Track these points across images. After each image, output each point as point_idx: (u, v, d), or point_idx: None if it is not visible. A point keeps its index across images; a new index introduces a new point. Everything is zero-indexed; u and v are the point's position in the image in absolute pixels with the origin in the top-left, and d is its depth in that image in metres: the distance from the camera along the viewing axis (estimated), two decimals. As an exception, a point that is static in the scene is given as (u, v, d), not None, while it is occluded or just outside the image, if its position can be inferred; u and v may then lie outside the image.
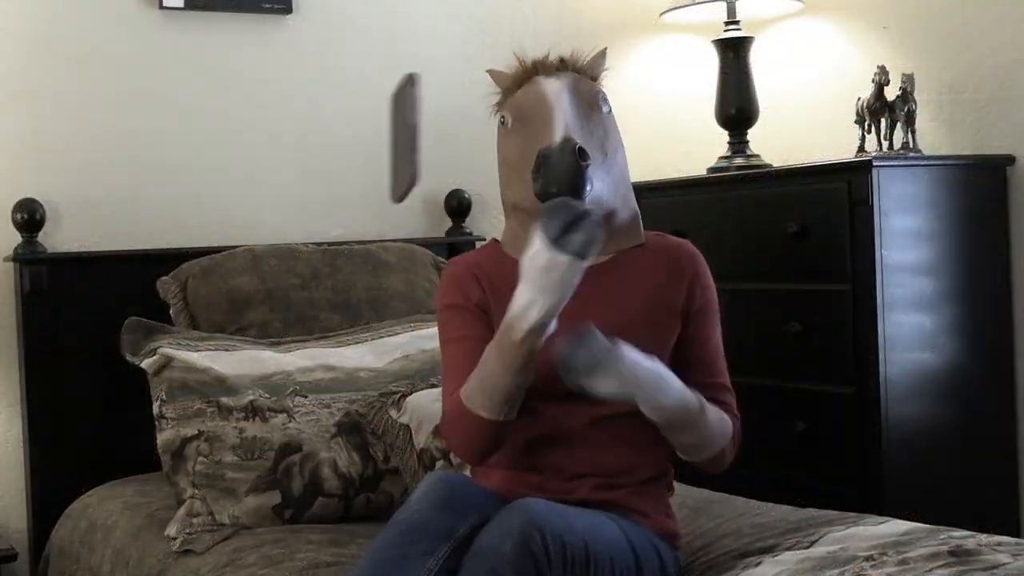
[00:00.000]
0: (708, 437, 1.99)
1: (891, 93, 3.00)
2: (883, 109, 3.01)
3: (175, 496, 2.53)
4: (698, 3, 3.37)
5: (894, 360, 2.79)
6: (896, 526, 2.13)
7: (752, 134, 3.40)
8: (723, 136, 3.41)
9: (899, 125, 3.01)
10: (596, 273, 2.03)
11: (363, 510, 2.53)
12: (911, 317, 2.83)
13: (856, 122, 3.07)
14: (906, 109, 2.99)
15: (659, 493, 2.07)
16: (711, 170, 3.39)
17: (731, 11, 3.38)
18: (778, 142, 3.48)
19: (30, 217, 2.95)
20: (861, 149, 3.07)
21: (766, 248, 3.04)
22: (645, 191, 3.12)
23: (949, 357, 2.89)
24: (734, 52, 3.37)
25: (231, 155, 3.24)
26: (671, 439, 1.99)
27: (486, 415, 1.90)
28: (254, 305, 2.87)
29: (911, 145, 3.00)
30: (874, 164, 2.79)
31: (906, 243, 2.84)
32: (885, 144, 3.02)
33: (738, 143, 3.38)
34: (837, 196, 2.84)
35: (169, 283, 2.89)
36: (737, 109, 3.37)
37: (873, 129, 3.04)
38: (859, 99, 3.05)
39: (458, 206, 3.41)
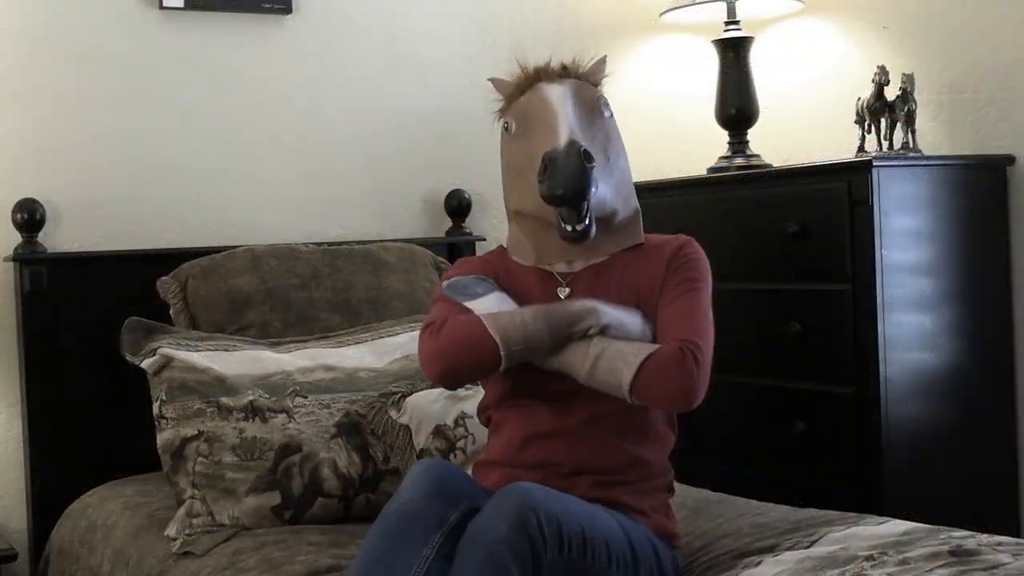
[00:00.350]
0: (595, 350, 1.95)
1: (891, 93, 3.00)
2: (883, 109, 3.00)
3: (175, 496, 2.53)
4: (698, 3, 3.37)
5: (894, 360, 2.79)
6: (896, 526, 2.13)
7: (752, 134, 3.40)
8: (723, 136, 3.41)
9: (899, 125, 3.00)
10: (595, 270, 2.05)
11: (363, 511, 2.52)
12: (911, 317, 2.83)
13: (856, 122, 3.07)
14: (906, 109, 2.99)
15: (658, 493, 2.07)
16: (711, 170, 3.39)
17: (731, 11, 3.38)
18: (778, 142, 3.47)
19: (30, 217, 2.95)
20: (861, 149, 3.06)
21: (766, 248, 3.04)
22: (645, 191, 3.10)
23: (949, 357, 2.88)
24: (734, 52, 3.37)
25: (231, 155, 3.24)
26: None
27: (498, 341, 1.93)
28: (254, 305, 2.87)
29: (911, 145, 2.99)
30: (874, 164, 2.79)
31: (906, 243, 2.84)
32: (885, 144, 3.02)
33: (738, 143, 3.38)
34: (837, 196, 2.84)
35: (169, 283, 2.89)
36: (737, 109, 3.37)
37: (873, 129, 3.04)
38: (859, 99, 3.05)
39: (458, 206, 3.41)
